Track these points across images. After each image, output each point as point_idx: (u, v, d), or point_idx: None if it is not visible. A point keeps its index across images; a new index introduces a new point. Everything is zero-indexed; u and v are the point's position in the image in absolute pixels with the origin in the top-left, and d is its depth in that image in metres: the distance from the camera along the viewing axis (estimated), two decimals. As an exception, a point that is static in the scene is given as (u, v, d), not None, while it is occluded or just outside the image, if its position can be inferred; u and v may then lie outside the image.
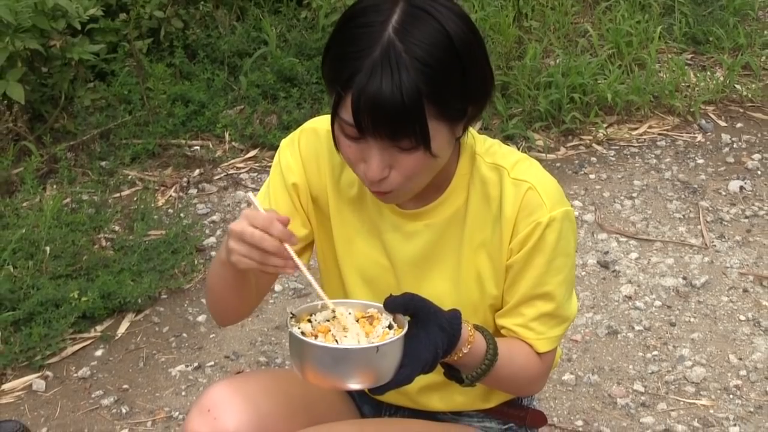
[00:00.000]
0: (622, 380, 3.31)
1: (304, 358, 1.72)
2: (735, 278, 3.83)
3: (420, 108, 1.73)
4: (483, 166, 1.99)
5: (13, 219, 3.93)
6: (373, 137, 1.77)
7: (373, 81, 1.72)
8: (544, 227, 1.94)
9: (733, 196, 4.40)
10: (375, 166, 1.79)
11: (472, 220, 2.00)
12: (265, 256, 1.76)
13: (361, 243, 2.06)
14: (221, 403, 2.05)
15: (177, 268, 3.83)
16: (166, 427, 3.17)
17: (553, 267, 1.97)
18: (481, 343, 1.87)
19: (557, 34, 5.42)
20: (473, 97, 1.83)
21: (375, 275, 2.06)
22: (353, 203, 2.05)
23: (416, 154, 1.79)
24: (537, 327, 2.00)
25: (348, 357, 1.70)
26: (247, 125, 4.72)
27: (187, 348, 3.53)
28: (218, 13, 5.26)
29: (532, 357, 2.02)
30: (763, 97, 5.23)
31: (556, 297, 2.00)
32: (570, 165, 4.68)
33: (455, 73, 1.77)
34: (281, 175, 2.07)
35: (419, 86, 1.72)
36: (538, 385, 2.11)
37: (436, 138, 1.77)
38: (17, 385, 3.35)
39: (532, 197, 1.94)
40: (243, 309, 2.13)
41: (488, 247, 2.00)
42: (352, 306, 1.82)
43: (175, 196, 4.40)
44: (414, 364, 1.75)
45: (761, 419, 3.13)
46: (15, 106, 4.34)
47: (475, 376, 1.89)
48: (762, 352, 3.41)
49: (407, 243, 2.03)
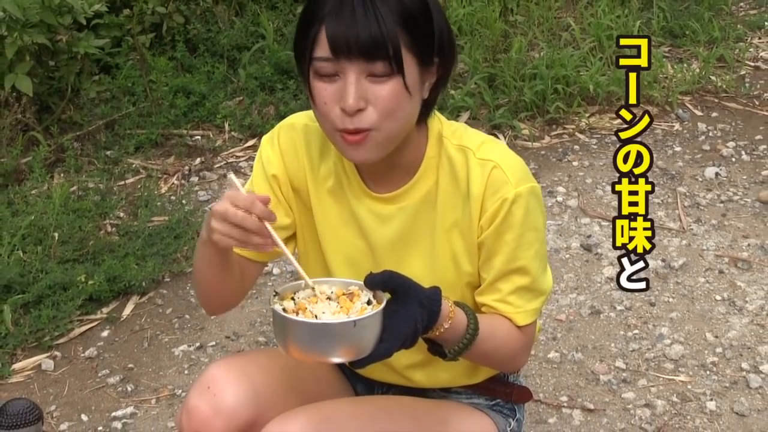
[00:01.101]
0: (604, 358, 3.30)
1: (286, 334, 1.72)
2: (711, 260, 3.82)
3: (394, 30, 1.77)
4: (450, 147, 1.99)
5: (23, 206, 3.92)
6: (348, 61, 1.78)
7: (344, 8, 1.77)
8: (510, 203, 1.93)
9: (709, 182, 4.39)
10: (351, 94, 1.79)
11: (442, 201, 1.99)
12: (247, 235, 1.75)
13: (343, 229, 2.05)
14: (220, 381, 2.04)
15: (179, 253, 3.81)
16: (170, 404, 3.16)
17: (524, 241, 1.96)
18: (461, 319, 1.86)
19: (541, 28, 5.41)
20: (440, 47, 1.86)
21: (357, 259, 2.06)
22: (331, 193, 2.04)
23: (390, 84, 1.80)
24: (515, 301, 1.99)
25: (327, 331, 1.69)
26: (245, 116, 4.71)
27: (189, 329, 3.52)
28: (218, 8, 5.24)
29: (513, 331, 2.00)
30: (736, 88, 5.22)
31: (530, 271, 1.99)
32: (554, 153, 4.67)
33: (425, 14, 1.82)
34: (263, 168, 2.07)
35: (391, 12, 1.77)
36: (522, 359, 2.10)
37: (408, 70, 1.80)
38: (27, 365, 3.33)
39: (498, 175, 1.94)
40: (228, 296, 2.10)
41: (460, 226, 1.99)
42: (334, 284, 1.82)
43: (177, 183, 4.39)
44: (393, 339, 1.74)
45: (736, 394, 3.12)
46: (24, 98, 4.32)
47: (457, 350, 1.88)
48: (737, 330, 3.41)
49: (383, 226, 2.02)
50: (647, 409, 3.07)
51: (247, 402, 2.02)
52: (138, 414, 3.13)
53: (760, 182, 4.38)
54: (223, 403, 2.01)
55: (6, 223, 3.78)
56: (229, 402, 2.01)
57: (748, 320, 3.46)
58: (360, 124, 1.82)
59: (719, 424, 3.01)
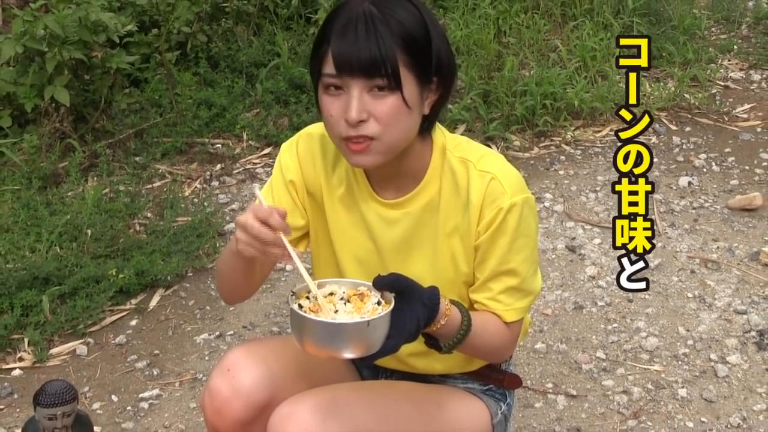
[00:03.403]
0: (586, 348, 3.31)
1: (303, 332, 1.72)
2: (684, 261, 3.82)
3: (391, 49, 1.80)
4: (452, 159, 2.00)
5: (60, 206, 3.93)
6: (351, 78, 1.81)
7: (349, 30, 1.80)
8: (505, 212, 1.95)
9: (682, 190, 4.40)
10: (354, 106, 1.82)
11: (444, 207, 2.01)
12: (265, 246, 1.77)
13: (352, 231, 2.07)
14: (239, 365, 2.06)
15: (201, 250, 3.82)
16: (192, 387, 3.17)
17: (515, 246, 1.98)
18: (456, 316, 1.88)
19: (532, 49, 5.41)
20: (439, 67, 1.88)
21: (365, 258, 2.07)
22: (343, 198, 2.06)
23: (390, 99, 1.82)
24: (504, 299, 2.01)
25: (342, 330, 1.70)
26: (262, 126, 4.71)
27: (209, 319, 3.53)
28: (238, 28, 5.24)
29: (501, 327, 2.02)
30: (708, 105, 5.22)
31: (520, 273, 2.00)
32: (542, 162, 4.67)
33: (424, 36, 1.84)
34: (281, 173, 2.08)
35: (392, 35, 1.80)
36: (507, 352, 2.12)
37: (407, 86, 1.83)
38: (63, 350, 3.35)
39: (495, 186, 1.96)
40: (247, 290, 2.13)
41: (460, 231, 2.01)
42: (344, 284, 1.83)
43: (200, 187, 4.39)
44: (399, 335, 1.75)
45: (705, 382, 3.13)
46: (61, 108, 4.33)
47: (452, 344, 1.89)
48: (706, 325, 3.41)
49: (390, 230, 2.04)
50: (625, 396, 3.07)
51: (263, 384, 2.04)
52: (163, 396, 3.14)
53: (729, 191, 4.38)
54: (241, 385, 2.03)
55: (45, 221, 3.79)
56: (247, 384, 2.03)
57: (716, 315, 3.47)
58: (363, 131, 1.84)
59: (689, 410, 3.01)
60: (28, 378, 3.22)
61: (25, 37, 4.20)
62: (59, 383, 2.15)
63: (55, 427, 2.13)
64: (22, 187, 4.05)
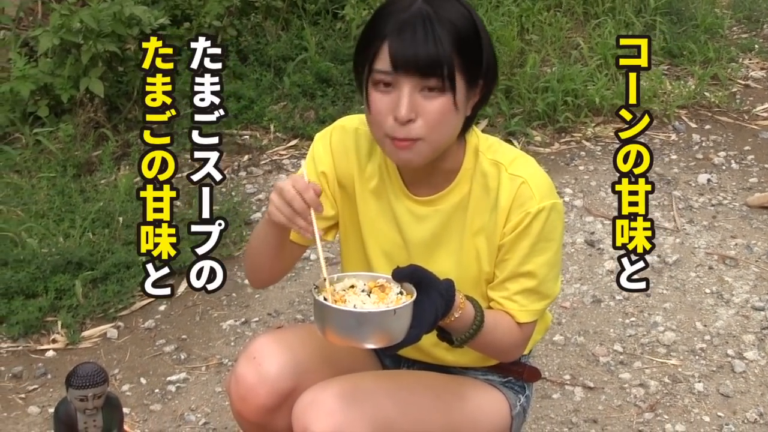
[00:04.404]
0: (604, 342, 3.29)
1: (327, 322, 1.71)
2: (702, 257, 3.79)
3: (449, 52, 1.78)
4: (485, 161, 1.99)
5: (93, 194, 3.94)
6: (405, 76, 1.79)
7: (406, 28, 1.78)
8: (533, 216, 1.94)
9: (701, 187, 4.36)
10: (404, 104, 1.80)
11: (473, 207, 1.99)
12: (293, 215, 1.78)
13: (382, 224, 2.06)
14: (265, 352, 2.06)
15: (228, 238, 3.82)
16: (218, 371, 3.17)
17: (536, 249, 1.96)
18: (470, 311, 1.87)
19: (554, 47, 5.38)
20: (486, 69, 1.86)
21: (393, 252, 2.06)
22: (375, 191, 2.05)
23: (440, 100, 1.80)
24: (519, 300, 2.00)
25: (368, 319, 1.69)
26: (289, 119, 4.71)
27: (235, 306, 3.53)
28: (267, 23, 5.24)
29: (513, 327, 2.01)
30: (728, 104, 5.17)
31: (538, 275, 1.98)
32: (562, 158, 4.64)
33: (475, 38, 1.83)
34: (314, 163, 2.08)
35: (449, 36, 1.77)
36: (517, 352, 2.09)
37: (458, 89, 1.81)
38: (94, 333, 3.36)
39: (525, 190, 1.95)
40: (274, 273, 2.13)
41: (486, 231, 1.99)
42: (362, 278, 1.82)
43: (228, 177, 4.39)
44: (421, 325, 1.75)
45: (721, 377, 3.10)
46: (96, 99, 4.34)
47: (464, 338, 1.89)
48: (724, 321, 3.38)
49: (419, 225, 2.03)
50: (641, 389, 3.05)
51: (288, 372, 2.03)
52: (190, 379, 3.14)
53: (748, 188, 4.34)
54: (267, 372, 2.02)
55: (78, 208, 3.81)
56: (272, 371, 2.03)
57: (734, 312, 3.44)
58: (409, 134, 1.83)
59: (706, 404, 2.99)
60: (60, 359, 3.23)
61: (62, 30, 4.21)
62: (91, 366, 2.16)
63: (86, 408, 2.14)
64: (58, 175, 4.07)
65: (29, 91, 4.27)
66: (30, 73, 4.31)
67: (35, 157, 4.20)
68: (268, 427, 2.07)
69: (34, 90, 4.31)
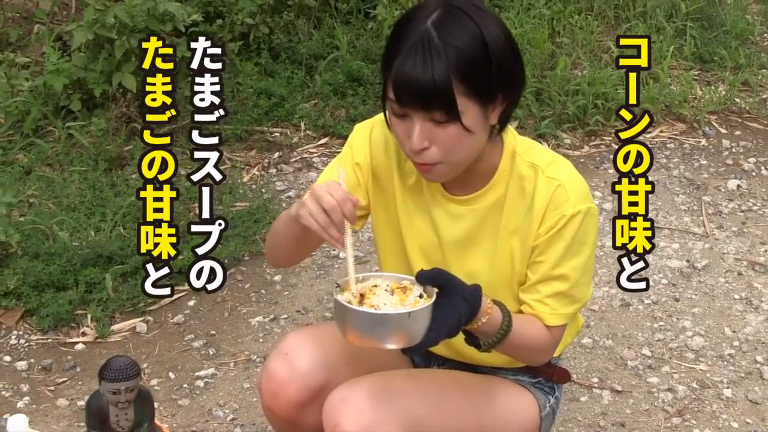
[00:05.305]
0: (632, 345, 3.27)
1: (347, 322, 1.73)
2: (731, 263, 3.76)
3: (448, 84, 1.74)
4: (521, 164, 1.98)
5: (124, 188, 3.95)
6: (412, 110, 1.79)
7: (407, 61, 1.76)
8: (567, 219, 1.93)
9: (731, 193, 4.32)
10: (415, 137, 1.80)
11: (509, 208, 1.99)
12: (328, 224, 1.77)
13: (418, 221, 2.06)
14: (296, 348, 2.06)
15: (258, 235, 3.82)
16: (246, 367, 3.17)
17: (570, 253, 1.95)
18: (497, 315, 1.86)
19: (584, 50, 5.35)
20: (502, 84, 1.83)
21: (428, 250, 2.06)
22: (412, 189, 2.05)
23: (451, 128, 1.79)
24: (551, 303, 1.99)
25: (385, 321, 1.70)
26: (319, 117, 4.71)
27: (264, 302, 3.53)
28: (299, 21, 5.24)
29: (542, 331, 2.00)
30: (759, 110, 5.13)
31: (570, 278, 1.98)
32: (592, 161, 4.62)
33: (483, 59, 1.78)
34: (351, 153, 2.07)
35: (448, 65, 1.74)
36: (546, 356, 2.09)
37: (467, 114, 1.78)
38: (124, 327, 3.37)
39: (561, 193, 1.94)
40: (293, 259, 2.15)
41: (520, 233, 1.99)
42: (387, 278, 1.82)
43: (258, 174, 4.40)
44: (440, 329, 1.75)
45: (750, 384, 3.08)
46: (128, 94, 4.35)
47: (491, 343, 1.88)
48: (753, 327, 3.36)
49: (454, 224, 2.02)
50: (669, 393, 3.03)
51: (319, 368, 2.04)
52: (218, 375, 3.15)
53: (777, 195, 4.31)
54: (298, 368, 2.03)
55: (109, 202, 3.82)
56: (303, 367, 2.03)
57: (763, 318, 3.41)
58: (426, 159, 1.84)
59: (734, 410, 2.97)
60: (90, 353, 3.24)
61: (96, 25, 4.22)
62: (124, 359, 2.16)
63: (119, 401, 2.13)
64: (89, 169, 4.08)
65: (62, 85, 4.29)
66: (63, 68, 4.33)
67: (67, 150, 4.22)
68: (297, 424, 2.08)
69: (67, 84, 4.32)
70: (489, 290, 1.86)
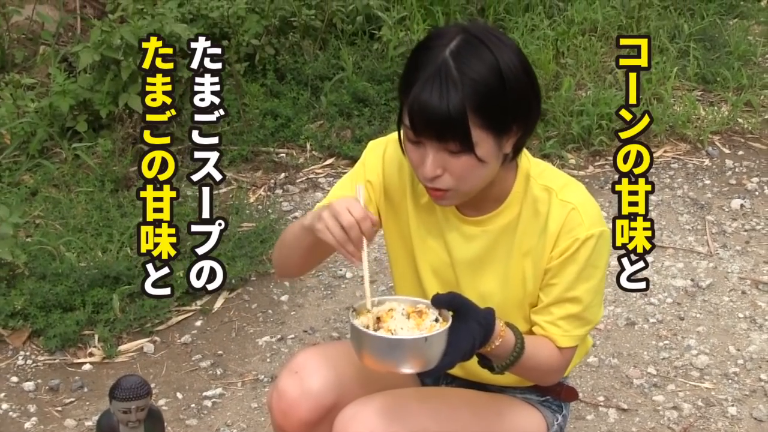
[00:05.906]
0: (637, 364, 3.29)
1: (364, 347, 1.75)
2: (735, 282, 3.78)
3: (463, 116, 1.76)
4: (535, 186, 2.00)
5: (130, 209, 3.98)
6: (426, 139, 1.80)
7: (425, 90, 1.77)
8: (581, 242, 1.95)
9: (734, 212, 4.35)
10: (428, 164, 1.83)
11: (522, 230, 2.01)
12: (345, 240, 1.79)
13: (431, 241, 2.08)
14: (307, 366, 2.08)
15: (265, 255, 3.84)
16: (253, 387, 3.20)
17: (583, 276, 1.98)
18: (510, 338, 1.88)
19: (588, 71, 5.39)
20: (517, 115, 1.84)
21: (441, 271, 2.08)
22: (425, 208, 2.07)
23: (464, 158, 1.81)
24: (563, 325, 2.01)
25: (401, 345, 1.73)
26: (325, 137, 4.74)
27: (272, 322, 3.55)
28: (304, 42, 5.28)
29: (554, 352, 2.02)
30: (761, 130, 5.16)
31: (583, 301, 2.00)
32: (597, 181, 4.65)
33: (499, 91, 1.79)
34: (364, 170, 2.09)
35: (464, 97, 1.76)
36: (557, 376, 2.11)
37: (481, 145, 1.80)
38: (131, 347, 3.39)
39: (574, 217, 1.96)
40: (301, 269, 2.16)
41: (533, 255, 2.00)
42: (403, 302, 1.84)
43: (264, 195, 4.43)
44: (455, 353, 1.77)
45: (755, 402, 3.10)
46: (134, 115, 4.39)
47: (505, 365, 1.90)
48: (757, 345, 3.38)
49: (467, 245, 2.04)
50: (675, 411, 3.05)
51: (330, 387, 2.05)
52: (226, 395, 3.17)
53: (781, 214, 4.34)
54: (309, 387, 2.04)
55: (116, 223, 3.85)
56: (315, 386, 2.04)
57: (767, 336, 3.43)
58: (438, 185, 1.86)
59: (739, 428, 2.99)
60: (97, 373, 3.27)
61: (102, 46, 4.27)
62: (134, 378, 2.19)
63: (129, 420, 2.16)
64: (96, 189, 4.12)
65: (68, 106, 4.32)
66: (69, 89, 4.36)
67: (73, 171, 4.25)
68: (307, 442, 2.09)
69: (73, 105, 4.35)
70: (500, 311, 1.89)
